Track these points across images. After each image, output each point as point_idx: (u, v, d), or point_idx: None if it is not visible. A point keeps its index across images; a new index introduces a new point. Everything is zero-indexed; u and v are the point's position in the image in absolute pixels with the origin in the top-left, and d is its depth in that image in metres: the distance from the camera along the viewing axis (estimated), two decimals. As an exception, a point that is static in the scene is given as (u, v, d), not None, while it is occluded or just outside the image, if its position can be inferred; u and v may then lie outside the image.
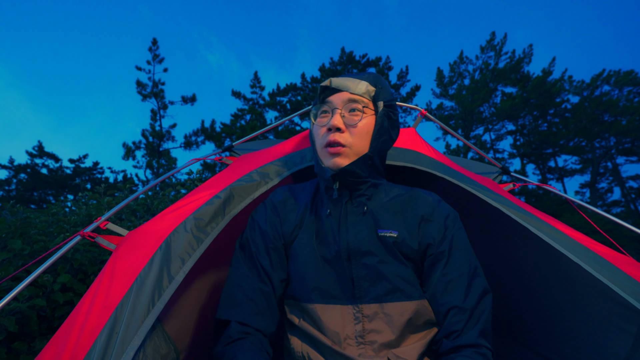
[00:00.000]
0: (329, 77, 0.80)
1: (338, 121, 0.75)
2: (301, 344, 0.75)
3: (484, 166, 1.60)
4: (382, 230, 0.76)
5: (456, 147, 17.11)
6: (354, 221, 0.77)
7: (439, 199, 0.83)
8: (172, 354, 0.84)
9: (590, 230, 1.22)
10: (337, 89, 0.78)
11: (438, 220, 0.78)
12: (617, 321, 0.87)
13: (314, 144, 0.82)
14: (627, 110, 14.31)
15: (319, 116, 0.82)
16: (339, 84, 0.78)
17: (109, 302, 0.67)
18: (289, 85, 17.90)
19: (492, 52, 18.38)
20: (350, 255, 0.75)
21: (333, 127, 0.75)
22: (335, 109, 0.77)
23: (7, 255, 1.47)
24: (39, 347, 1.34)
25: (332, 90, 0.79)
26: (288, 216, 0.84)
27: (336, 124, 0.74)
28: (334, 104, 0.78)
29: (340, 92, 0.78)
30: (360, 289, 0.74)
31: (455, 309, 0.70)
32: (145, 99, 16.53)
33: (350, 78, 0.79)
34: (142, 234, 0.83)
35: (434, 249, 0.75)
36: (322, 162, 0.79)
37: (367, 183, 0.79)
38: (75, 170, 16.81)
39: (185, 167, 1.27)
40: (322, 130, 0.78)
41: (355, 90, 0.77)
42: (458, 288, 0.71)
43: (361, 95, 0.77)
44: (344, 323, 0.73)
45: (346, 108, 0.77)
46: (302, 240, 0.80)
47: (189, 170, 3.76)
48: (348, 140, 0.75)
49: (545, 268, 1.11)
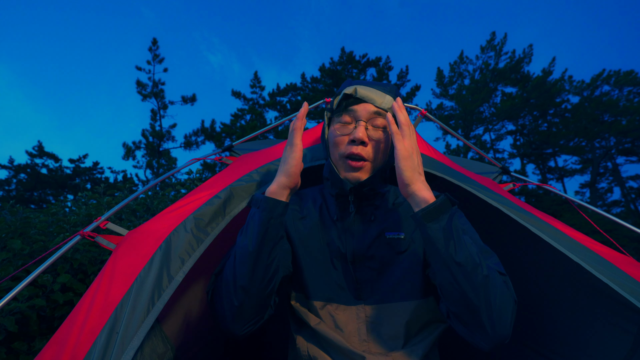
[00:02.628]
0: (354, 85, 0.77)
1: (364, 134, 0.73)
2: (306, 343, 0.75)
3: (484, 166, 1.60)
4: (389, 233, 0.77)
5: (456, 147, 17.11)
6: (361, 229, 0.78)
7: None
8: (169, 353, 0.84)
9: (590, 230, 1.23)
10: (362, 99, 0.76)
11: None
12: (617, 321, 0.87)
13: (329, 151, 0.80)
14: (627, 110, 14.29)
15: (338, 123, 0.78)
16: (365, 96, 0.75)
17: (108, 302, 0.67)
18: (289, 85, 17.89)
19: (492, 52, 18.37)
20: (355, 259, 0.76)
21: (358, 140, 0.72)
22: (359, 121, 0.74)
23: (7, 255, 1.47)
24: (38, 347, 1.34)
25: (356, 100, 0.76)
26: (292, 216, 0.84)
27: (362, 137, 0.72)
28: (359, 115, 0.75)
29: (365, 103, 0.76)
30: (364, 291, 0.75)
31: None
32: (145, 99, 16.52)
33: (375, 90, 0.77)
34: (142, 233, 0.83)
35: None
36: (339, 172, 0.76)
37: (378, 194, 0.79)
38: (75, 170, 16.80)
39: (185, 167, 1.27)
40: (343, 139, 0.75)
41: (382, 105, 0.75)
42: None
43: (387, 111, 0.75)
44: (348, 323, 0.74)
45: (370, 121, 0.75)
46: (309, 241, 0.80)
47: (188, 170, 3.77)
48: (370, 154, 0.74)
49: (546, 268, 1.11)
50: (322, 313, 0.75)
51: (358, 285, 0.76)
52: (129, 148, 16.14)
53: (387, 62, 18.40)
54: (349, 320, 0.74)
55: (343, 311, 0.75)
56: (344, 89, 0.78)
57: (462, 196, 1.22)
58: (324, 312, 0.75)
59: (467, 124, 18.62)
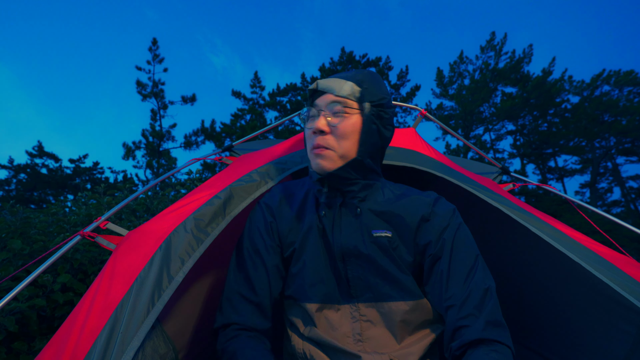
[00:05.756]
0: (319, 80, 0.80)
1: (321, 123, 0.74)
2: (302, 342, 0.76)
3: (484, 166, 1.60)
4: (376, 230, 0.76)
5: (456, 147, 17.11)
6: (347, 223, 0.77)
7: (437, 197, 0.82)
8: (171, 354, 0.84)
9: (590, 230, 1.22)
10: (323, 91, 0.77)
11: (436, 219, 0.76)
12: (617, 321, 0.87)
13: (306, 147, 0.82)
14: (627, 110, 14.30)
15: (308, 120, 0.81)
16: (324, 86, 0.77)
17: (109, 302, 0.67)
18: (289, 85, 17.90)
19: (492, 52, 18.37)
20: (344, 256, 0.76)
21: (317, 130, 0.74)
22: (320, 111, 0.76)
23: (7, 255, 1.47)
24: (38, 347, 1.34)
25: (319, 93, 0.78)
26: (284, 217, 0.83)
27: (319, 126, 0.73)
28: (319, 106, 0.77)
29: (325, 94, 0.76)
30: (355, 289, 0.75)
31: (455, 307, 0.67)
32: (145, 99, 16.52)
33: (337, 79, 0.77)
34: (142, 233, 0.83)
35: (433, 248, 0.74)
36: (311, 165, 0.78)
37: (359, 184, 0.77)
38: (75, 170, 16.78)
39: (185, 167, 1.27)
40: (310, 133, 0.77)
41: (340, 92, 0.75)
42: (458, 284, 0.69)
43: (345, 97, 0.74)
44: (342, 322, 0.74)
45: (330, 110, 0.75)
46: (298, 241, 0.80)
47: (188, 170, 3.77)
48: (331, 142, 0.74)
49: (546, 268, 1.11)
50: (317, 315, 0.75)
51: (349, 283, 0.75)
52: (129, 148, 16.15)
53: (387, 62, 18.40)
54: (342, 320, 0.74)
55: (337, 311, 0.75)
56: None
57: (462, 196, 1.22)
58: (318, 314, 0.75)
59: (467, 124, 18.61)
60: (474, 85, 18.46)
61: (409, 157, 1.13)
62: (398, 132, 1.27)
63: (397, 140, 1.20)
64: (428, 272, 0.75)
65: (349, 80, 0.76)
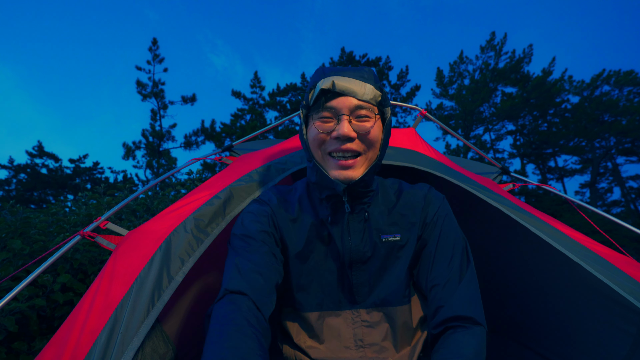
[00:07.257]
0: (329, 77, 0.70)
1: (349, 129, 0.67)
2: (294, 352, 0.75)
3: (484, 166, 1.60)
4: (385, 235, 0.75)
5: (456, 147, 17.12)
6: (356, 229, 0.75)
7: (429, 187, 0.81)
8: (170, 353, 0.84)
9: (590, 230, 1.23)
10: (341, 93, 0.69)
11: (429, 208, 0.77)
12: (617, 321, 0.87)
13: (310, 150, 0.74)
14: (627, 110, 14.31)
15: (318, 120, 0.71)
16: (344, 88, 0.68)
17: (109, 302, 0.67)
18: (289, 85, 17.90)
19: (492, 52, 18.37)
20: (352, 263, 0.74)
21: (344, 137, 0.67)
22: (341, 115, 0.68)
23: (7, 255, 1.47)
24: (39, 347, 1.34)
25: (335, 94, 0.69)
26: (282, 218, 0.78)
27: (346, 132, 0.66)
28: (339, 110, 0.68)
29: (343, 96, 0.69)
30: (359, 295, 0.74)
31: (439, 286, 0.69)
32: (145, 98, 16.53)
33: (354, 80, 0.70)
34: (142, 234, 0.83)
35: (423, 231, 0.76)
36: (327, 172, 0.71)
37: (372, 192, 0.75)
38: (75, 170, 16.79)
39: (185, 167, 1.27)
40: (326, 137, 0.70)
41: (363, 97, 0.69)
42: (442, 266, 0.70)
43: (368, 102, 0.69)
44: (343, 328, 0.73)
45: (353, 115, 0.69)
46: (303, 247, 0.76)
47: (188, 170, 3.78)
48: (359, 149, 0.69)
49: (545, 268, 1.11)
50: (317, 325, 0.74)
51: (353, 289, 0.74)
52: (129, 148, 16.15)
53: (387, 62, 18.41)
54: (344, 325, 0.74)
55: (338, 317, 0.74)
56: (319, 81, 0.71)
57: (462, 196, 1.22)
58: (319, 323, 0.74)
59: (467, 124, 18.62)
60: (474, 85, 18.47)
61: (409, 157, 1.13)
62: (398, 132, 1.27)
63: (397, 140, 1.20)
64: (417, 254, 0.76)
65: (368, 82, 0.70)
